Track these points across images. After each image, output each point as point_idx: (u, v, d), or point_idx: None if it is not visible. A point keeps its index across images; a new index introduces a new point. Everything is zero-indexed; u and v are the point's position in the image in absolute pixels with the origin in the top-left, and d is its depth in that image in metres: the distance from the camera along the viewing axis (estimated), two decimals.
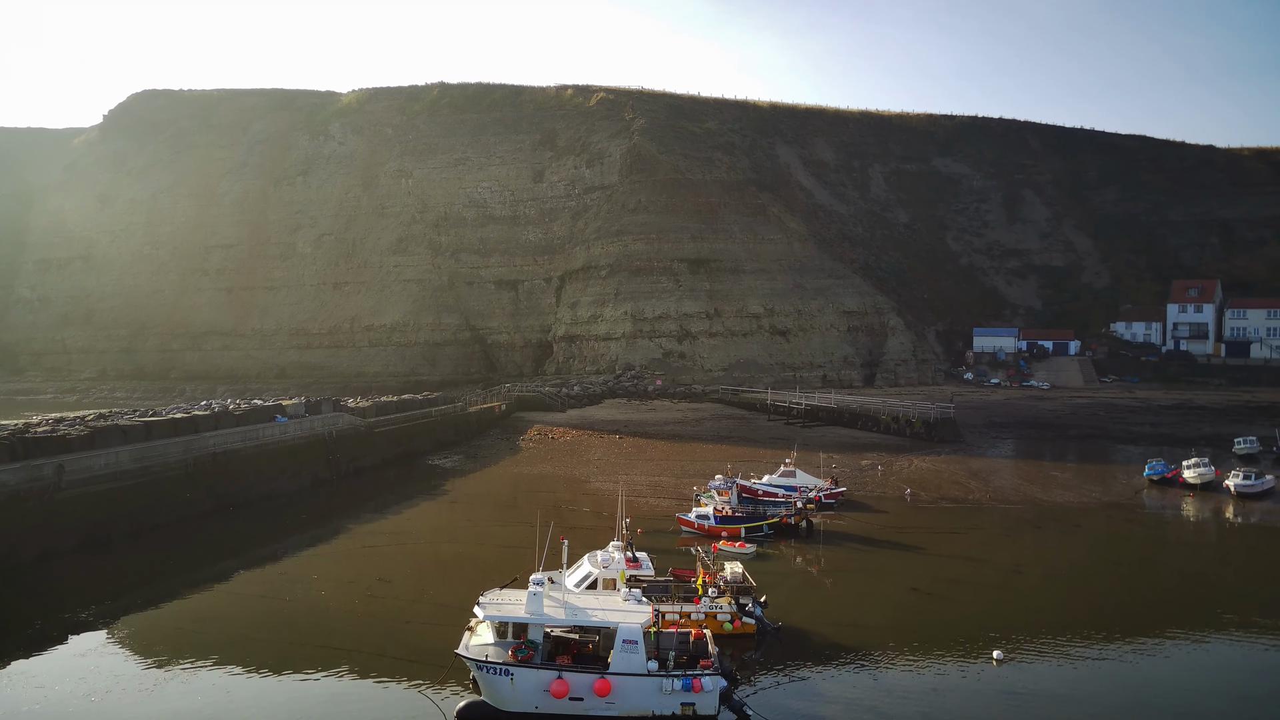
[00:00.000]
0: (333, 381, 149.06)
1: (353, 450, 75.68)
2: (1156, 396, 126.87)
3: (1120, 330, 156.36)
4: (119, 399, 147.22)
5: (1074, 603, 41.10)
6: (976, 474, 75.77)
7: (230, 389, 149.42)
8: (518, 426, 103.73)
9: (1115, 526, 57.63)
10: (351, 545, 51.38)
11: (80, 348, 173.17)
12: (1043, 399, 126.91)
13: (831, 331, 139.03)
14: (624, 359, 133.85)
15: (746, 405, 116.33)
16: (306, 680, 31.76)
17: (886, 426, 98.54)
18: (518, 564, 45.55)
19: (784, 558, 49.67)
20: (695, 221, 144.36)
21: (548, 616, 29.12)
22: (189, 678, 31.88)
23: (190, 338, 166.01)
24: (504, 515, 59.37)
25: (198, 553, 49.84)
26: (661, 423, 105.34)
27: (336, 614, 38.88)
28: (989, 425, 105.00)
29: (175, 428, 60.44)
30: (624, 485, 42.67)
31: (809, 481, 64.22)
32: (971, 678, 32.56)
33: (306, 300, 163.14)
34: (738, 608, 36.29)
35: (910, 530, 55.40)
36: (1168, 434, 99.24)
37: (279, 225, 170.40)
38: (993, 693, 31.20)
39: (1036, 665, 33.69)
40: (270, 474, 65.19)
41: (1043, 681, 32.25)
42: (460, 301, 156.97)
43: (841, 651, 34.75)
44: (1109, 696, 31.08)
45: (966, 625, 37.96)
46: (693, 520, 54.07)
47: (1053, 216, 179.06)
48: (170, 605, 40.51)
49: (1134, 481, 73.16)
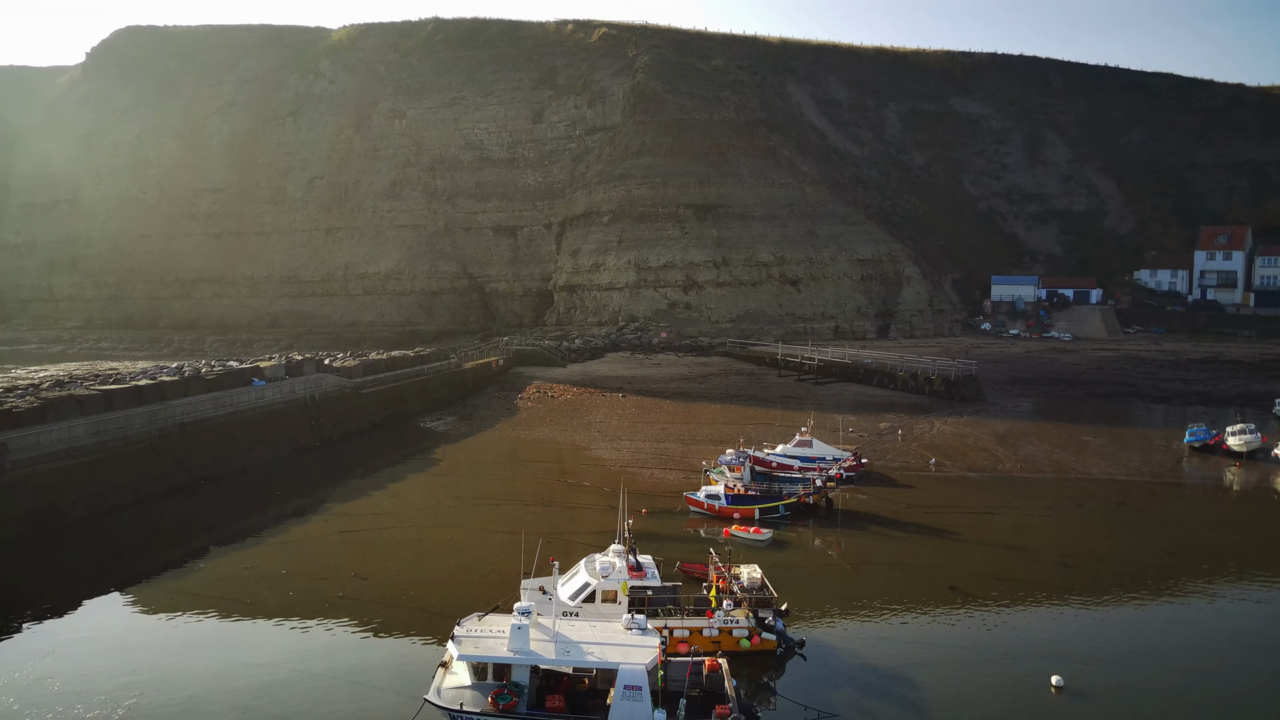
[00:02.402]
0: (326, 331, 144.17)
1: (337, 414, 70.89)
2: (1184, 349, 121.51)
3: (1144, 279, 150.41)
4: (105, 350, 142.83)
5: (1134, 609, 36.37)
6: (1004, 439, 70.89)
7: (220, 339, 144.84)
8: (516, 384, 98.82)
9: (1163, 505, 52.81)
10: (328, 530, 46.73)
11: (67, 295, 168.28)
12: (1065, 351, 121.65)
13: (844, 281, 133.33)
14: (627, 310, 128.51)
15: (755, 359, 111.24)
16: (252, 714, 27.17)
17: (904, 384, 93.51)
18: (510, 556, 40.98)
19: (803, 546, 44.95)
20: (702, 165, 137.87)
21: (535, 655, 24.38)
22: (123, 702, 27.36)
23: (179, 285, 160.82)
24: (498, 491, 54.67)
25: (157, 539, 45.26)
26: (667, 379, 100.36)
27: (301, 625, 34.26)
28: (1011, 382, 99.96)
29: (138, 396, 55.61)
30: (624, 485, 37.91)
31: (826, 452, 59.35)
32: (1028, 711, 27.89)
33: (298, 247, 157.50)
34: (756, 622, 31.60)
35: (939, 510, 50.62)
36: (1201, 392, 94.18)
37: (269, 168, 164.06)
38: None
39: (1102, 695, 28.96)
40: (245, 444, 60.45)
41: (1113, 715, 27.57)
42: (457, 248, 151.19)
43: (875, 675, 30.09)
44: None
45: (1014, 639, 33.26)
46: (702, 500, 49.31)
47: (1075, 159, 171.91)
48: (116, 610, 35.99)
49: (1174, 448, 68.25)
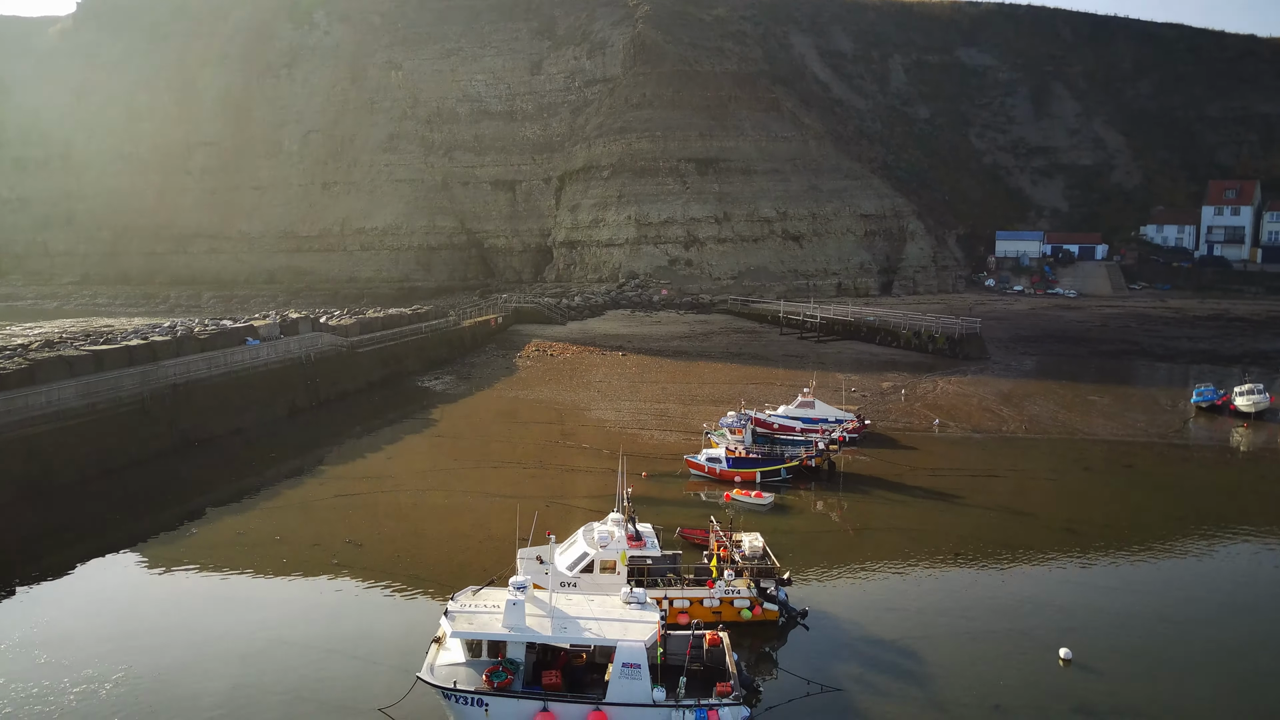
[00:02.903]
0: (324, 287, 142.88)
1: (334, 374, 69.96)
2: (1190, 306, 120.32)
3: (1151, 234, 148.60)
4: (101, 306, 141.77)
5: (1143, 577, 35.66)
6: (1008, 398, 70.04)
7: (217, 295, 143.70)
8: (515, 342, 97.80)
9: (1171, 468, 52.02)
10: (323, 494, 45.97)
11: (62, 250, 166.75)
12: (1070, 309, 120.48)
13: (848, 236, 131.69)
14: (627, 267, 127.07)
15: (757, 317, 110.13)
16: (243, 690, 26.50)
17: (907, 342, 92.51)
18: (508, 522, 40.31)
19: (805, 510, 44.23)
20: (703, 118, 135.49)
21: (530, 632, 23.61)
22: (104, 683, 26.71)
23: (175, 240, 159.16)
24: (496, 454, 53.88)
25: (149, 504, 44.52)
26: (667, 337, 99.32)
27: (294, 595, 33.60)
28: (1015, 339, 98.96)
29: (129, 357, 54.58)
30: (623, 452, 37.07)
31: (829, 413, 58.46)
32: (1036, 685, 27.21)
33: (294, 201, 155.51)
34: (758, 592, 30.87)
35: (944, 473, 49.87)
36: (1207, 350, 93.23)
37: (264, 122, 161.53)
38: (1065, 712, 25.84)
39: (1111, 669, 28.28)
40: (240, 404, 59.58)
41: (1123, 692, 26.89)
42: (455, 203, 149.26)
43: (878, 647, 29.42)
44: (1204, 715, 25.80)
45: (1021, 608, 32.55)
46: (702, 463, 48.50)
47: (1083, 112, 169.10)
48: (106, 577, 35.31)
49: (1180, 408, 67.45)
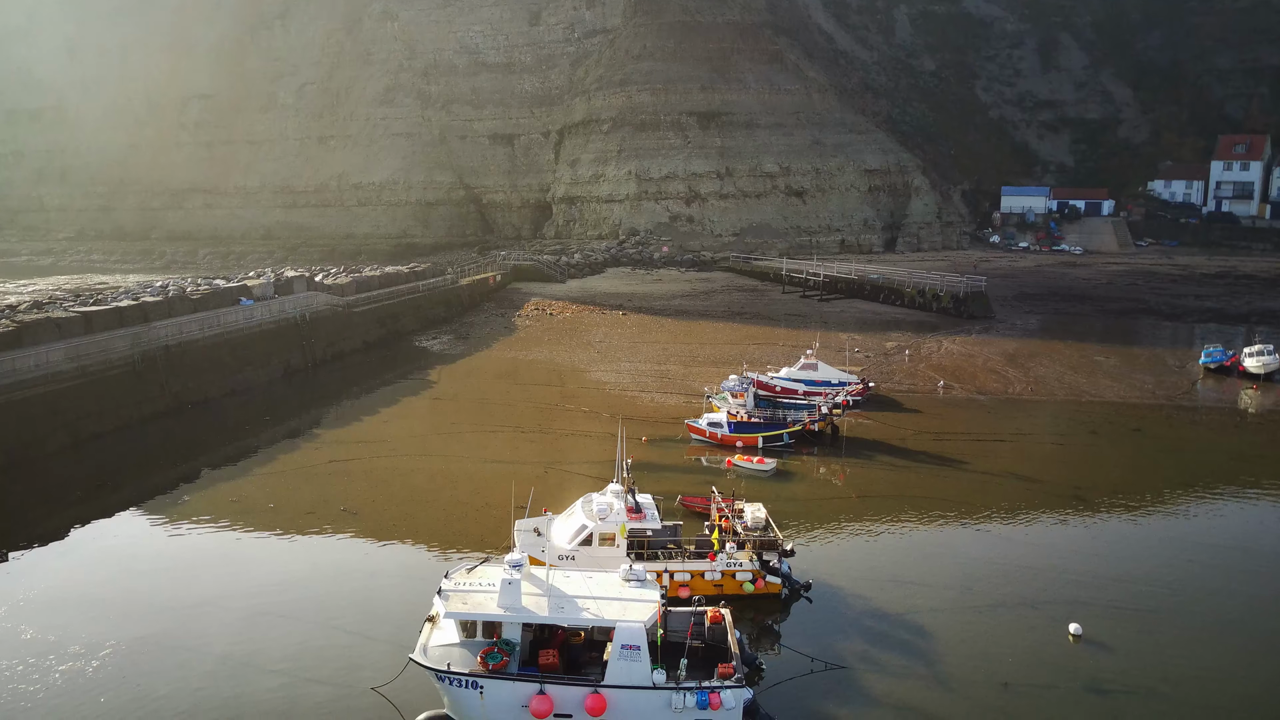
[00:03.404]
0: (321, 244, 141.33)
1: (330, 334, 68.96)
2: (1198, 264, 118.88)
3: (1158, 189, 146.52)
4: (96, 263, 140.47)
5: (1153, 547, 34.94)
6: (1013, 359, 69.08)
7: (213, 252, 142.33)
8: (514, 301, 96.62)
9: (1180, 432, 51.18)
10: (317, 459, 45.23)
11: (57, 205, 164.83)
12: (1075, 266, 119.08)
13: (851, 192, 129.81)
14: (628, 223, 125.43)
15: (759, 275, 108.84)
16: (231, 666, 25.87)
17: (911, 301, 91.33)
18: (507, 489, 39.59)
19: (808, 476, 43.48)
20: (705, 70, 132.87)
21: (526, 612, 22.87)
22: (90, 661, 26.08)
23: (171, 195, 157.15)
24: (494, 417, 53.04)
25: (139, 469, 43.84)
26: (668, 296, 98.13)
27: (286, 566, 32.92)
28: (1020, 298, 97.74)
29: (120, 318, 53.73)
30: (623, 423, 36.17)
31: (832, 375, 57.52)
32: (1045, 661, 26.56)
33: (290, 156, 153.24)
34: (761, 565, 30.18)
35: (949, 437, 49.07)
36: (1214, 308, 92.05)
37: (258, 74, 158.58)
38: (1075, 689, 25.21)
39: (1122, 645, 27.63)
40: (234, 366, 58.69)
41: (1133, 670, 26.23)
42: (453, 157, 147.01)
43: (883, 622, 28.77)
44: (1216, 692, 25.18)
45: (1029, 580, 31.86)
46: (704, 428, 47.69)
47: (1091, 64, 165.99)
48: (94, 546, 34.62)
49: (1188, 370, 66.49)
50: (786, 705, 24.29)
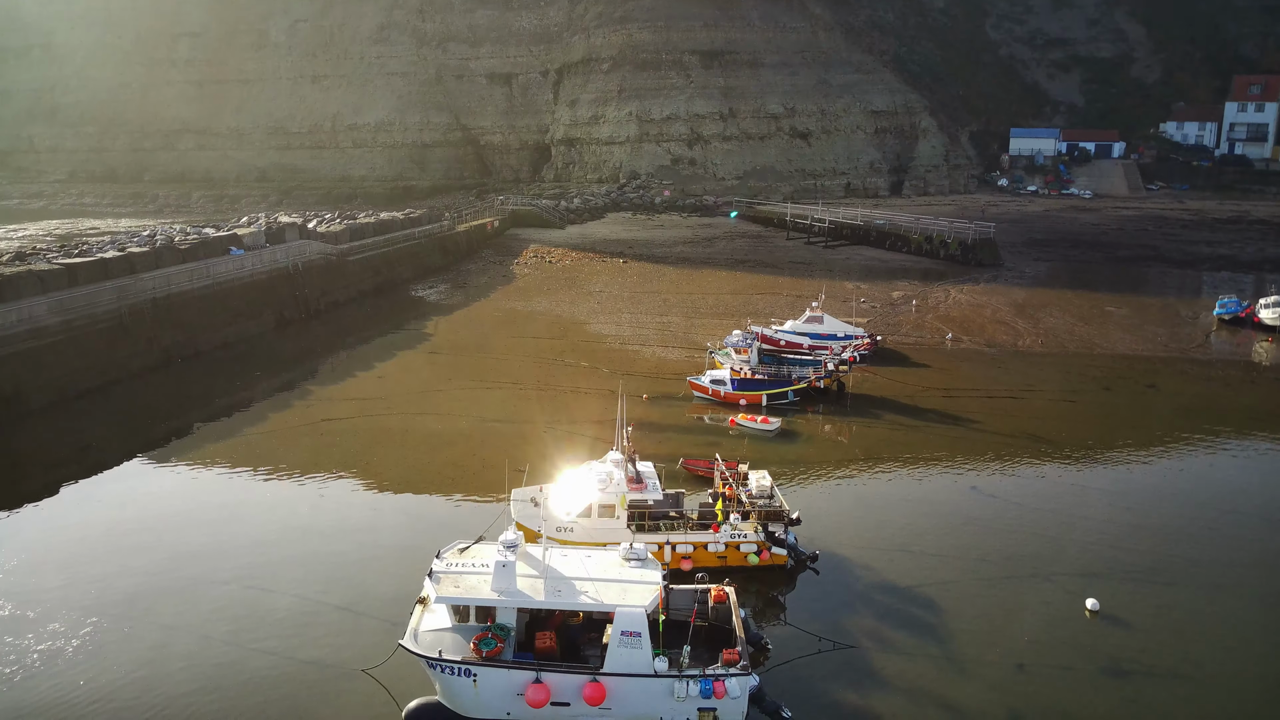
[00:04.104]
0: (316, 187, 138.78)
1: (323, 283, 67.33)
2: (1209, 208, 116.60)
3: (1170, 131, 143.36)
4: (88, 206, 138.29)
5: (1170, 514, 33.78)
6: (1023, 309, 67.61)
7: (207, 195, 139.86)
8: (512, 247, 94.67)
9: (1194, 387, 49.87)
10: (310, 418, 44.00)
11: (48, 146, 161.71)
12: (1085, 210, 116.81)
13: (857, 134, 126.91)
14: (629, 166, 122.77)
15: (763, 220, 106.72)
16: (216, 645, 24.86)
17: (918, 247, 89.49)
18: (504, 449, 38.61)
19: (813, 436, 42.28)
20: (709, 7, 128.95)
21: (521, 596, 21.76)
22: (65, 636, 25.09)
23: (162, 136, 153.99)
24: (492, 372, 51.71)
25: (125, 428, 42.63)
26: (670, 243, 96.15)
27: (275, 533, 31.83)
28: (1029, 244, 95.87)
29: (106, 270, 52.14)
30: (623, 389, 34.78)
31: (838, 328, 56.10)
32: (1062, 640, 25.54)
33: (283, 95, 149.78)
34: (766, 536, 29.08)
35: (958, 394, 47.81)
36: (1227, 255, 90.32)
37: (249, 10, 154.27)
38: (1093, 671, 24.23)
39: (1140, 621, 26.61)
40: (225, 318, 57.23)
41: (1154, 649, 25.23)
42: (449, 98, 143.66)
43: (893, 596, 27.75)
44: (1238, 674, 24.22)
45: (1043, 550, 30.78)
46: (706, 385, 46.42)
47: (1103, 1, 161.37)
48: (80, 507, 33.52)
49: (1201, 320, 65.14)
50: (793, 687, 23.35)
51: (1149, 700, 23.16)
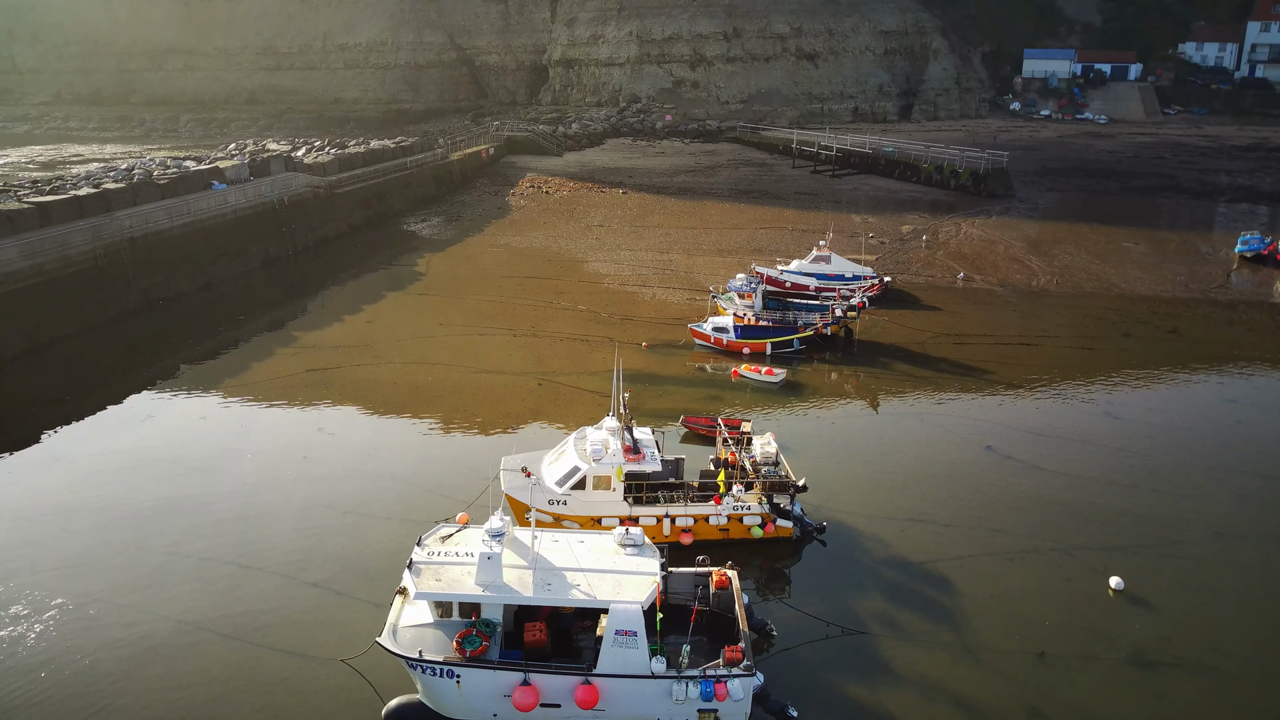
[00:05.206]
0: (307, 110, 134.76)
1: (311, 218, 64.86)
2: (1228, 134, 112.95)
3: (1189, 52, 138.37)
4: (73, 131, 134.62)
5: (1195, 480, 32.06)
6: (1036, 245, 65.25)
7: (195, 118, 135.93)
8: (508, 176, 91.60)
9: (1218, 333, 47.79)
10: (294, 368, 42.15)
11: (31, 67, 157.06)
12: (1100, 136, 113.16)
13: (866, 55, 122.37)
14: (629, 89, 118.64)
15: (767, 147, 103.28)
16: (189, 629, 23.41)
17: (928, 177, 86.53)
18: (497, 404, 36.95)
19: (819, 390, 40.41)
20: None
21: (508, 591, 20.13)
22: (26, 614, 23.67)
23: (149, 57, 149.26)
24: (485, 316, 49.66)
25: (102, 378, 40.80)
26: (671, 171, 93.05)
27: (253, 500, 30.17)
28: (1042, 173, 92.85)
29: (80, 208, 49.75)
30: (618, 351, 32.98)
31: (846, 268, 53.86)
32: (1084, 626, 24.04)
33: (272, 13, 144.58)
34: (771, 508, 27.46)
35: (970, 341, 45.88)
36: (1247, 185, 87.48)
37: None
38: (1117, 662, 22.79)
39: (1166, 601, 25.13)
40: (207, 258, 55.02)
41: (1181, 636, 23.77)
42: (443, 16, 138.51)
43: (905, 573, 26.25)
44: (1271, 666, 22.80)
45: (1063, 522, 29.13)
46: (708, 333, 44.45)
47: None
48: (47, 472, 31.89)
49: (1221, 257, 62.88)
50: (798, 678, 21.97)
51: (1175, 695, 21.75)
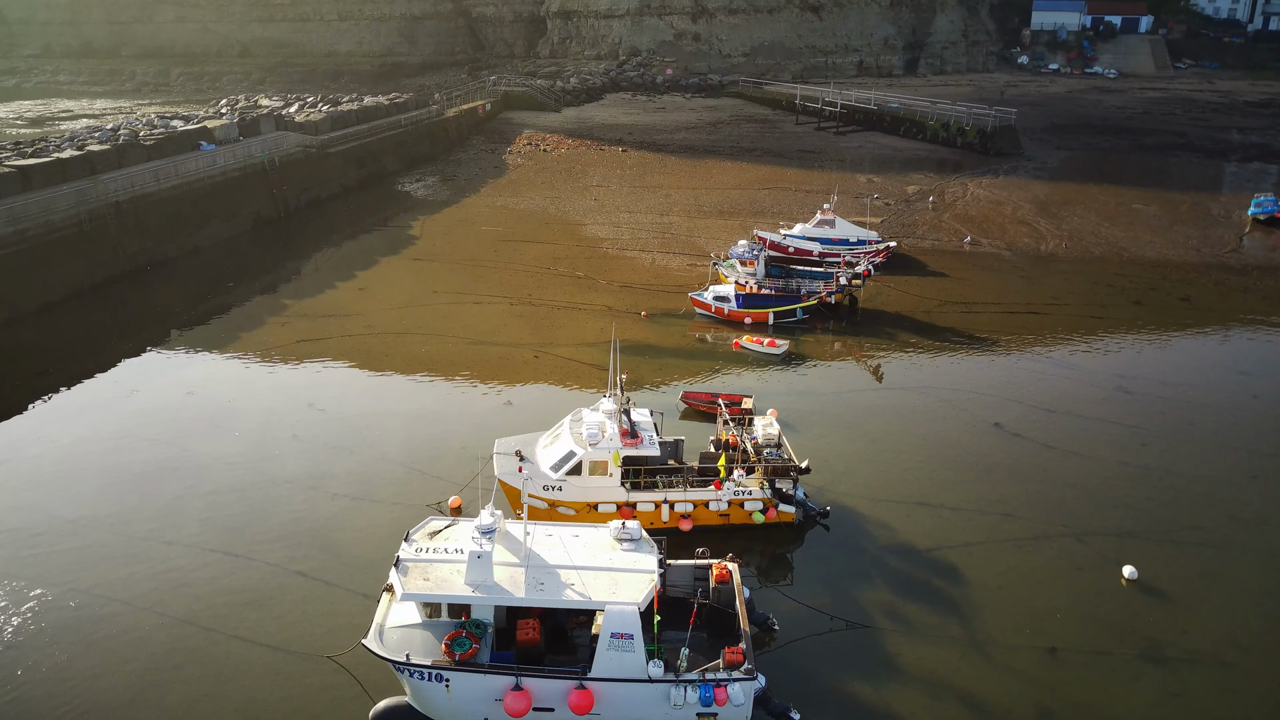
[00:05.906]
0: (301, 63, 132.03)
1: (302, 179, 63.35)
2: (1240, 89, 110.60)
3: (1201, 4, 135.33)
4: (63, 85, 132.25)
5: (1210, 461, 31.16)
6: (1044, 208, 63.82)
7: (186, 72, 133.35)
8: (504, 133, 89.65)
9: (1231, 301, 46.64)
10: (284, 338, 41.10)
11: (18, 18, 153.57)
12: (1109, 91, 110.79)
13: (871, 7, 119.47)
14: (629, 42, 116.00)
15: (771, 102, 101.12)
16: (170, 626, 22.65)
17: (934, 135, 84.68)
18: (492, 374, 36.04)
19: (822, 362, 39.39)
20: None
21: (498, 592, 19.27)
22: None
23: (139, 7, 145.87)
24: (480, 285, 48.38)
25: (87, 349, 39.75)
26: (672, 128, 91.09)
27: (238, 482, 29.27)
28: (1051, 130, 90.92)
29: (63, 171, 48.40)
30: (616, 333, 31.93)
31: (851, 232, 52.59)
32: (1097, 618, 23.27)
33: None
34: (773, 493, 26.57)
35: (977, 309, 44.79)
36: (1259, 144, 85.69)
37: None
38: (1131, 658, 22.04)
39: (1181, 590, 24.36)
40: (196, 221, 53.69)
41: (1196, 629, 23.02)
42: None
43: (911, 561, 25.46)
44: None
45: (1074, 505, 28.26)
46: (709, 303, 43.30)
47: None
48: (31, 449, 30.98)
49: (1234, 219, 61.53)
50: (800, 675, 21.26)
51: (1190, 693, 21.01)
